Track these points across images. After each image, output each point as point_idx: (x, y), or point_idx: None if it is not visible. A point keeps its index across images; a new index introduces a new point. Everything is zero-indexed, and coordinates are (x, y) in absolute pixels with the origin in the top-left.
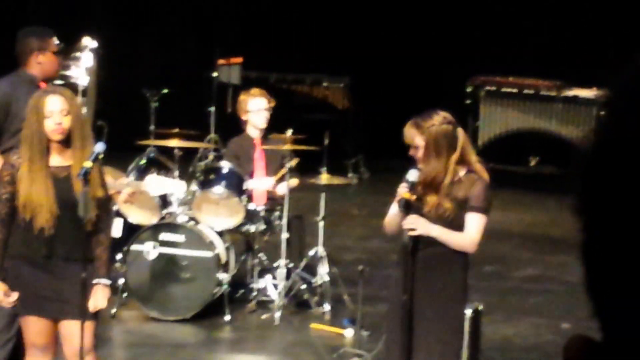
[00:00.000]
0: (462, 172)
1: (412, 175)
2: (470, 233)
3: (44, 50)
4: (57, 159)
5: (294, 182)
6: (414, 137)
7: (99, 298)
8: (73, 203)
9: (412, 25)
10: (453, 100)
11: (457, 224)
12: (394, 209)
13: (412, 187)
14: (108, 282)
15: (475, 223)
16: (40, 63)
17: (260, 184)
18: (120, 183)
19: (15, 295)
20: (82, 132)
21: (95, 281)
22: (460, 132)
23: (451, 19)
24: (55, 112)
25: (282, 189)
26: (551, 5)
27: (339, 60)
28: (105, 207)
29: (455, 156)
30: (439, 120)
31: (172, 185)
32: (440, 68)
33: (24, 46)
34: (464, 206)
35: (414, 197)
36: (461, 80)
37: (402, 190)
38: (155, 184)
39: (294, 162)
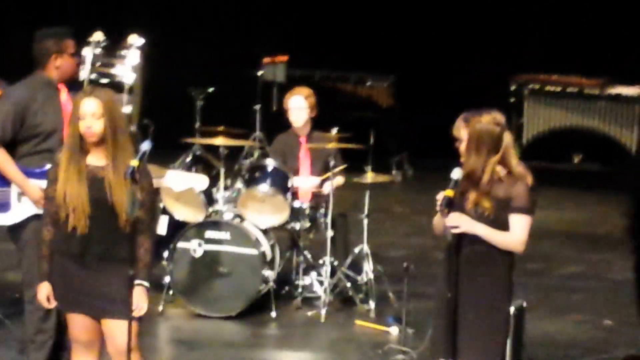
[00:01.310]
0: (502, 173)
1: (456, 173)
2: (516, 233)
3: (62, 53)
4: (94, 159)
5: (339, 180)
6: (460, 130)
7: (139, 300)
8: (107, 203)
9: (456, 24)
10: (496, 98)
11: (498, 224)
12: (439, 212)
13: (456, 184)
14: (147, 284)
15: (520, 224)
16: (58, 67)
17: (305, 182)
18: None
19: (53, 303)
20: (116, 136)
21: (136, 282)
22: (507, 136)
23: (495, 17)
24: (88, 115)
25: (327, 188)
26: (595, 3)
27: (383, 58)
28: (148, 207)
29: (495, 158)
30: (488, 119)
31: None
32: (484, 66)
33: (42, 49)
34: (505, 206)
35: (455, 195)
36: (504, 79)
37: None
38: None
39: (341, 168)
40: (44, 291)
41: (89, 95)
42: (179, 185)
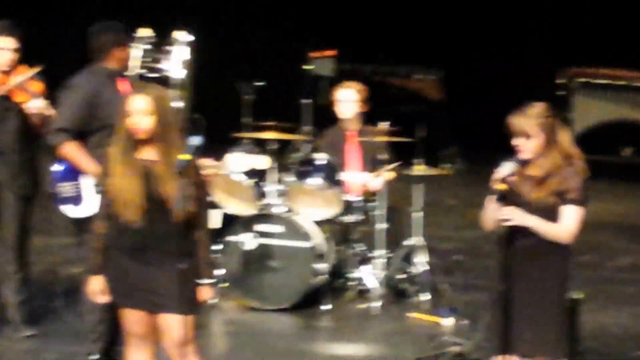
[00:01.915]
0: (559, 162)
1: (508, 167)
2: (567, 224)
3: (121, 45)
4: (146, 154)
5: (390, 175)
6: (525, 126)
7: (205, 297)
8: (160, 197)
9: (506, 17)
10: (545, 92)
11: (554, 214)
12: (490, 206)
13: (507, 178)
14: (211, 281)
15: (571, 214)
16: (118, 59)
17: (356, 178)
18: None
19: (106, 297)
20: (167, 132)
21: (199, 281)
22: (561, 128)
23: (544, 11)
24: (136, 112)
25: (377, 184)
26: None
27: (432, 52)
28: (201, 201)
29: (558, 150)
30: (545, 111)
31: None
32: (532, 60)
33: (103, 41)
34: (560, 197)
35: (507, 188)
36: (553, 72)
37: (496, 183)
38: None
39: (392, 166)
40: (96, 285)
41: (139, 92)
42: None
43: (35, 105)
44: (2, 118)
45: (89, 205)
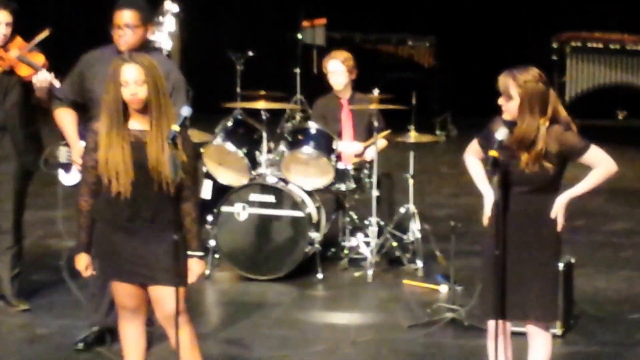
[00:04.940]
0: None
1: (501, 134)
2: (602, 162)
3: (114, 25)
4: (137, 124)
5: (382, 143)
6: (509, 87)
7: (193, 271)
8: (150, 168)
9: None
10: (538, 56)
11: (557, 179)
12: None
13: (500, 145)
14: (201, 254)
15: (595, 156)
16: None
17: (348, 147)
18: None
19: (90, 271)
20: (159, 101)
21: (189, 253)
22: (552, 93)
23: None
24: (131, 82)
25: (371, 154)
26: None
27: (423, 18)
28: (191, 173)
29: (545, 119)
30: (535, 76)
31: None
32: (525, 24)
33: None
34: (562, 159)
35: (500, 154)
36: (546, 37)
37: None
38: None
39: (385, 134)
40: (82, 261)
41: (129, 62)
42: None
43: (42, 77)
44: (6, 93)
45: (75, 175)
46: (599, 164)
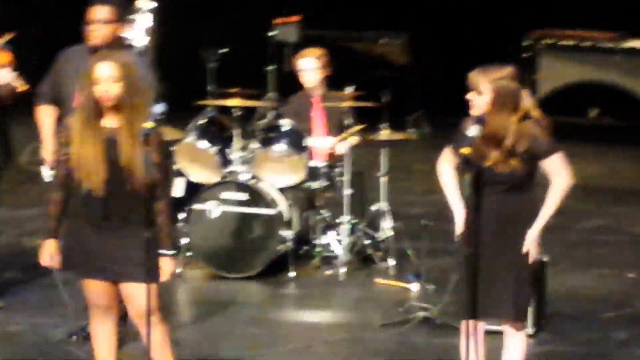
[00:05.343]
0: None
1: (473, 131)
2: (560, 174)
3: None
4: (109, 121)
5: (354, 139)
6: (479, 83)
7: (165, 270)
8: (124, 165)
9: None
10: (510, 54)
11: (527, 177)
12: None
13: (472, 142)
14: (173, 252)
15: (557, 163)
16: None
17: (321, 142)
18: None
19: (57, 260)
20: (133, 99)
21: (161, 251)
22: (524, 92)
23: None
24: (103, 80)
25: (343, 149)
26: None
27: (396, 16)
28: (164, 170)
29: (516, 117)
30: (508, 74)
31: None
32: (498, 22)
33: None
34: (529, 158)
35: (472, 152)
36: (518, 35)
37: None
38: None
39: (357, 128)
40: (48, 248)
41: (104, 59)
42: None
43: (1, 76)
44: None
45: None
46: (559, 174)
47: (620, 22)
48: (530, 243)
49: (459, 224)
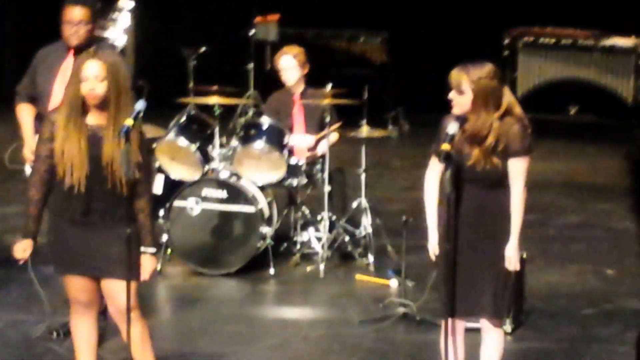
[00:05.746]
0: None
1: (452, 128)
2: (516, 185)
3: (63, 20)
4: (94, 119)
5: (334, 137)
6: (461, 82)
7: (146, 268)
8: (106, 163)
9: None
10: (490, 52)
11: (506, 176)
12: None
13: (451, 139)
14: (154, 250)
15: (517, 170)
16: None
17: (300, 141)
18: None
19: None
20: (119, 98)
21: (143, 249)
22: (506, 90)
23: None
24: (90, 78)
25: (322, 148)
26: None
27: (375, 15)
28: (144, 168)
29: (497, 114)
30: (489, 73)
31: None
32: (477, 20)
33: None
34: (507, 154)
35: (452, 149)
36: (498, 32)
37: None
38: None
39: (336, 126)
40: (22, 246)
41: (92, 57)
42: None
43: None
44: None
45: None
46: (515, 182)
47: (598, 20)
48: (513, 260)
49: (433, 245)
